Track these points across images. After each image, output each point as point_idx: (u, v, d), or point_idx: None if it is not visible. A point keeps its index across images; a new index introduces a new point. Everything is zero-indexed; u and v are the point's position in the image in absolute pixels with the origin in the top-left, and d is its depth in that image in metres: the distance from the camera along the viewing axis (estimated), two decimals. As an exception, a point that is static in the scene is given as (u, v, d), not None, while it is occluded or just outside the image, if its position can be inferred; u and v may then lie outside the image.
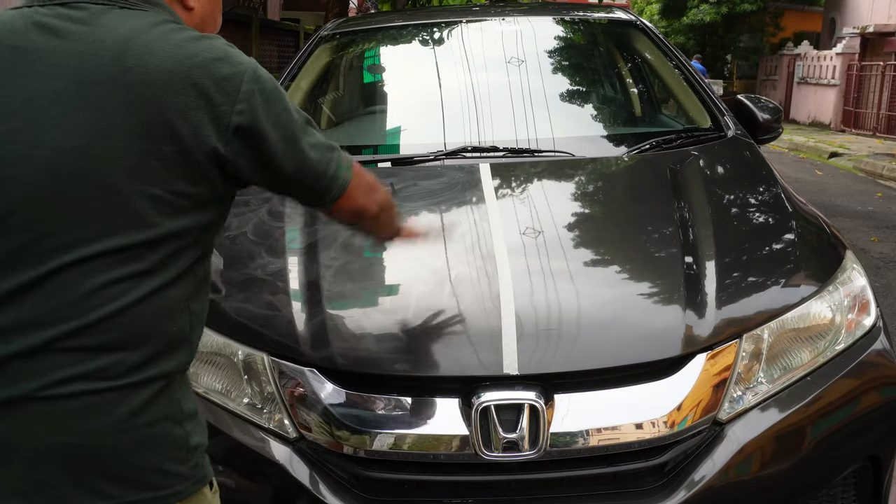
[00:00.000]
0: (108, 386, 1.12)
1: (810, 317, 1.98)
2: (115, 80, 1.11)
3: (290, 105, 1.25)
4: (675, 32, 24.71)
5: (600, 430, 1.76)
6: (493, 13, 3.61)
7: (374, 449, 1.77)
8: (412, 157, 2.70)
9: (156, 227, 1.13)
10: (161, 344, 1.16)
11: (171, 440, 1.19)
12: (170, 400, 1.19)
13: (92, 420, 1.11)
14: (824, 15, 23.67)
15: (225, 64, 1.16)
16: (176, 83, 1.12)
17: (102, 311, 1.10)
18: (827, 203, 8.38)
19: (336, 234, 2.24)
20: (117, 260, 1.11)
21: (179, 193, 1.14)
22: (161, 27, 1.17)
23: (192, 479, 1.22)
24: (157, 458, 1.17)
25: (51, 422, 1.10)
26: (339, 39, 3.51)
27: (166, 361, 1.18)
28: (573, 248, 2.20)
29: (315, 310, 1.94)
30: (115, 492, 1.14)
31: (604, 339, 1.86)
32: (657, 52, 3.39)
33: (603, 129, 3.10)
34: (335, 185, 1.32)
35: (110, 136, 1.10)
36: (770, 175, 2.61)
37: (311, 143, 1.27)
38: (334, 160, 1.32)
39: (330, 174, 1.31)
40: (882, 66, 16.48)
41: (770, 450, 1.84)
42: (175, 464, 1.19)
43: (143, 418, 1.14)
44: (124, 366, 1.13)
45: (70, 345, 1.10)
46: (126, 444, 1.14)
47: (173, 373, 1.19)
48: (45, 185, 1.10)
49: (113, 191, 1.10)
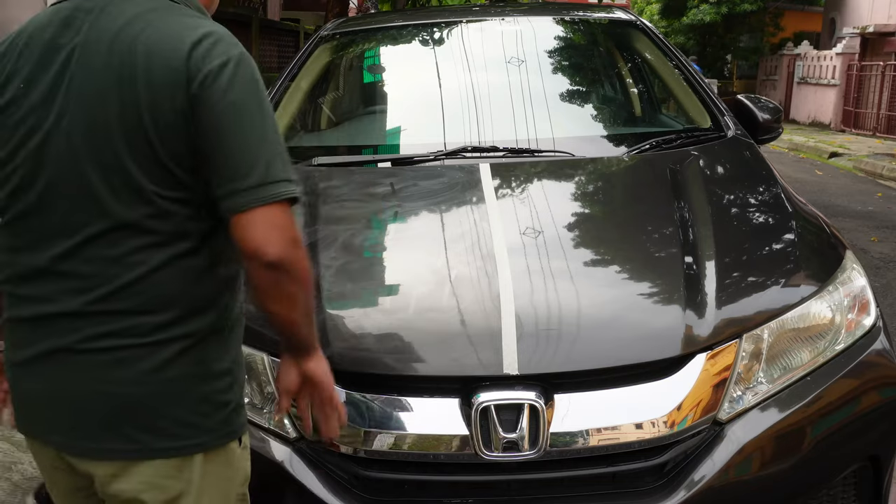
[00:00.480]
0: (135, 343, 1.25)
1: (810, 317, 1.98)
2: (110, 67, 1.21)
3: (267, 105, 1.26)
4: (675, 32, 24.68)
5: (600, 430, 1.76)
6: (493, 13, 3.61)
7: (373, 449, 1.77)
8: (412, 157, 2.70)
9: (160, 199, 1.23)
10: (185, 307, 1.27)
11: (196, 395, 1.29)
12: (197, 358, 1.28)
13: (121, 372, 1.25)
14: (824, 15, 23.65)
15: (212, 49, 1.22)
16: (159, 70, 1.20)
17: (126, 277, 1.23)
18: (827, 203, 8.38)
19: (336, 234, 2.24)
20: (132, 232, 1.23)
21: (172, 168, 1.23)
22: (156, 13, 1.25)
23: (217, 433, 1.32)
24: (180, 411, 1.28)
25: (87, 371, 1.25)
26: (339, 39, 3.51)
27: (192, 322, 1.27)
28: (573, 248, 2.20)
29: (315, 310, 1.93)
30: (141, 437, 1.27)
31: (604, 339, 1.86)
32: (657, 52, 3.39)
33: (603, 129, 3.09)
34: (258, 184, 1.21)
35: (110, 122, 1.21)
36: (770, 175, 2.61)
37: (267, 137, 1.24)
38: (279, 168, 1.23)
39: (262, 168, 1.21)
40: (882, 66, 16.47)
41: (770, 450, 1.84)
42: (200, 417, 1.29)
43: (168, 373, 1.26)
44: (149, 326, 1.25)
45: (102, 307, 1.24)
46: (152, 395, 1.26)
47: (200, 333, 1.28)
48: (69, 166, 1.23)
49: (118, 170, 1.22)
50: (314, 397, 1.43)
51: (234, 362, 1.36)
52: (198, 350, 1.29)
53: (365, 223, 2.38)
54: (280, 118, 3.07)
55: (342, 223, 2.32)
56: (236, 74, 1.22)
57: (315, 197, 2.44)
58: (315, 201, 2.41)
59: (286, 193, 1.24)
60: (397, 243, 2.33)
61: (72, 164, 1.23)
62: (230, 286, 1.34)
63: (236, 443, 1.36)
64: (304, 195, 2.47)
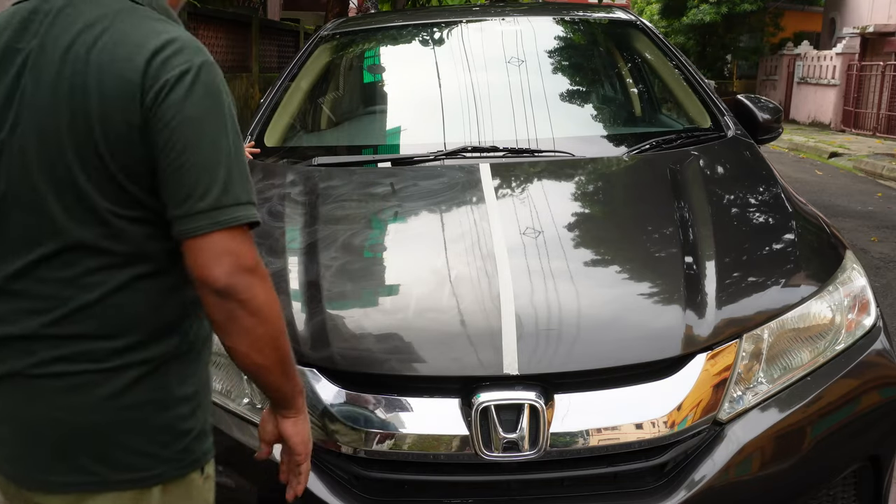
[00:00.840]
0: (91, 368, 1.16)
1: (810, 317, 1.98)
2: (62, 76, 1.13)
3: (230, 120, 1.16)
4: (675, 32, 24.67)
5: (600, 430, 1.76)
6: (493, 13, 3.61)
7: (373, 449, 1.77)
8: (412, 157, 2.70)
9: (116, 218, 1.15)
10: (146, 331, 1.18)
11: (154, 424, 1.20)
12: (157, 384, 1.20)
13: (75, 398, 1.16)
14: (824, 15, 23.65)
15: (172, 58, 1.12)
16: (112, 80, 1.11)
17: (82, 299, 1.15)
18: (827, 203, 8.37)
19: (336, 235, 2.24)
20: (88, 252, 1.15)
21: (126, 185, 1.14)
22: (116, 17, 1.15)
23: (177, 463, 1.23)
24: (138, 440, 1.19)
25: (42, 397, 1.17)
26: (339, 39, 3.51)
27: (152, 347, 1.19)
28: (573, 248, 2.20)
29: (315, 310, 1.94)
30: (96, 468, 1.18)
31: (604, 339, 1.86)
32: (657, 52, 3.39)
33: (603, 129, 3.10)
34: (212, 207, 1.12)
35: (60, 134, 1.13)
36: (770, 175, 2.61)
37: (227, 155, 1.14)
38: (237, 190, 1.14)
39: (217, 190, 1.12)
40: (882, 66, 16.47)
41: (770, 450, 1.84)
42: (158, 447, 1.21)
43: (124, 400, 1.17)
44: (106, 350, 1.16)
45: (57, 331, 1.16)
46: (108, 423, 1.17)
47: (161, 357, 1.20)
48: (21, 179, 1.15)
49: (70, 185, 1.14)
50: (288, 458, 1.37)
51: (199, 385, 1.27)
52: (159, 375, 1.20)
53: (365, 223, 2.38)
54: (280, 118, 3.08)
55: (342, 223, 2.32)
56: (195, 85, 1.12)
57: (315, 197, 2.44)
58: (315, 201, 2.41)
59: (243, 218, 1.15)
60: (397, 243, 2.33)
61: (25, 177, 1.14)
62: (196, 309, 1.24)
63: (198, 473, 1.27)
64: (303, 195, 2.47)
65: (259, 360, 1.20)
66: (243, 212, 1.15)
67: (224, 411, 1.88)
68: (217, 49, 10.94)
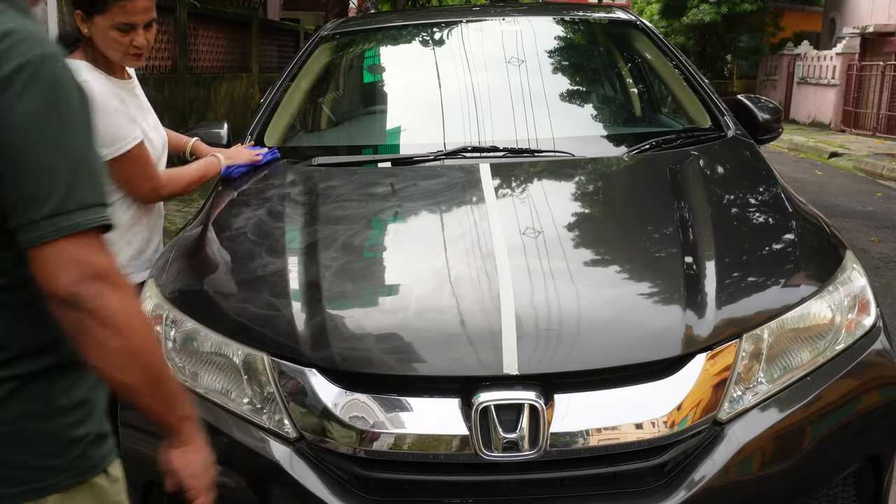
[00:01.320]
0: None
1: (810, 317, 1.98)
2: None
3: (76, 116, 1.08)
4: (675, 32, 24.68)
5: (600, 430, 1.76)
6: (493, 13, 3.62)
7: (373, 449, 1.77)
8: (412, 157, 2.70)
9: None
10: (13, 348, 1.12)
11: (38, 436, 1.15)
12: (33, 397, 1.14)
13: None
14: (824, 15, 23.65)
15: (7, 52, 1.03)
16: None
17: None
18: (827, 203, 8.37)
19: (336, 235, 2.24)
20: None
21: None
22: None
23: (72, 470, 1.17)
24: (20, 455, 1.13)
25: None
26: (339, 39, 3.51)
27: (24, 364, 1.13)
28: (573, 248, 2.20)
29: (315, 310, 1.94)
30: None
31: (604, 339, 1.86)
32: (657, 52, 3.39)
33: (603, 129, 3.10)
34: (53, 213, 1.03)
35: None
36: (770, 175, 2.61)
37: (70, 155, 1.06)
38: (84, 192, 1.05)
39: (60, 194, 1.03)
40: (882, 66, 16.47)
41: (770, 450, 1.84)
42: (47, 458, 1.15)
43: (2, 415, 1.11)
44: None
45: None
46: None
47: (36, 372, 1.14)
48: None
49: None
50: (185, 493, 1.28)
51: (89, 391, 1.20)
52: (37, 387, 1.13)
53: (365, 223, 2.38)
54: (280, 118, 3.08)
55: (342, 223, 2.32)
56: (34, 79, 1.02)
57: (315, 197, 2.44)
58: (315, 201, 2.41)
59: (90, 223, 1.06)
60: (397, 243, 2.33)
61: None
62: None
63: (101, 477, 1.21)
64: (303, 195, 2.48)
65: (120, 377, 1.12)
66: (91, 215, 1.06)
67: (224, 411, 1.88)
68: (217, 49, 10.95)
